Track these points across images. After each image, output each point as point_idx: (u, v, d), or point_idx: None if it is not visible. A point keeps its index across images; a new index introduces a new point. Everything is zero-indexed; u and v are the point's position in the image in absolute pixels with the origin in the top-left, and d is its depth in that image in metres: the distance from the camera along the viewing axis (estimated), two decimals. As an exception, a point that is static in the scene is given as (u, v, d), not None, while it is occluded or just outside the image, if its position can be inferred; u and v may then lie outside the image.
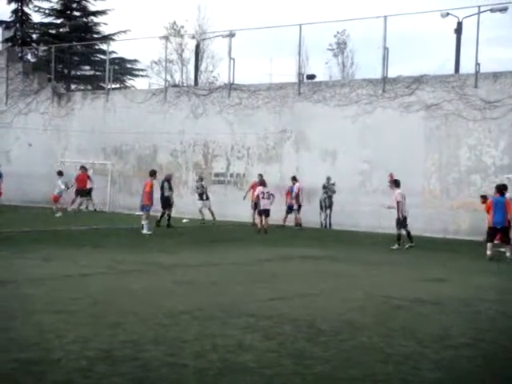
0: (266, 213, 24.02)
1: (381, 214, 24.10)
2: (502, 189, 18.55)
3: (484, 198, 21.79)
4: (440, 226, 24.09)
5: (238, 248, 19.43)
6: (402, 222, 20.33)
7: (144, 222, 22.16)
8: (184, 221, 25.47)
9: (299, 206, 25.94)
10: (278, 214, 25.55)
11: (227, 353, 7.93)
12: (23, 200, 33.56)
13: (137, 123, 31.80)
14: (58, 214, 27.82)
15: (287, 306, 10.93)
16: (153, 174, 23.89)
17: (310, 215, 25.95)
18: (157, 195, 24.19)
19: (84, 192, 30.50)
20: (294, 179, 26.14)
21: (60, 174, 29.41)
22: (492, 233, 18.27)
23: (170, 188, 25.44)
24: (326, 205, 26.50)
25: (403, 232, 20.30)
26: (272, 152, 28.93)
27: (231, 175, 30.06)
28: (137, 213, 24.46)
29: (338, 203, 26.44)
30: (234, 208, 28.66)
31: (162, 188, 25.26)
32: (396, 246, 20.07)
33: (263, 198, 24.14)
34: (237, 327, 9.23)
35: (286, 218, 26.35)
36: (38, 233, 21.42)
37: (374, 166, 26.23)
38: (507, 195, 19.31)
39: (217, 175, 30.36)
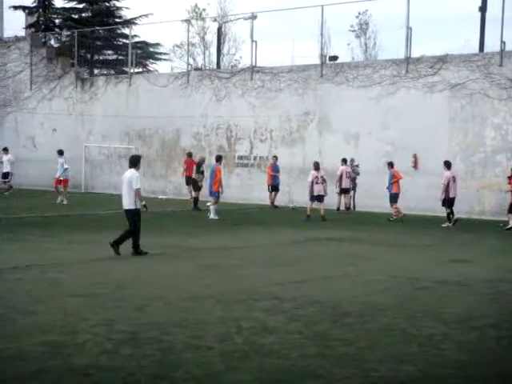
0: (320, 199, 22.97)
1: (406, 195, 23.93)
2: None
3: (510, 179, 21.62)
4: (465, 207, 23.86)
5: (262, 231, 19.45)
6: (448, 203, 21.30)
7: (212, 207, 22.54)
8: (208, 204, 25.50)
9: (344, 190, 25.35)
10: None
11: (252, 335, 7.98)
12: (48, 185, 33.80)
13: (160, 107, 31.85)
14: (63, 201, 25.95)
15: (311, 288, 10.95)
16: (218, 159, 23.83)
17: (330, 197, 25.80)
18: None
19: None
20: (344, 161, 25.53)
21: (60, 153, 27.11)
22: None
23: (199, 171, 25.85)
24: (351, 187, 26.37)
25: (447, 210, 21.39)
26: (295, 135, 28.84)
27: (254, 158, 30.03)
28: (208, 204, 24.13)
29: (361, 185, 26.32)
30: (258, 191, 28.64)
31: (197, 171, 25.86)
32: (446, 224, 21.12)
33: (317, 183, 22.96)
34: (261, 310, 9.27)
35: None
36: (64, 217, 21.62)
37: (397, 148, 26.04)
38: None
39: (240, 158, 30.35)
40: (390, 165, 22.87)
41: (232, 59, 46.14)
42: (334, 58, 31.06)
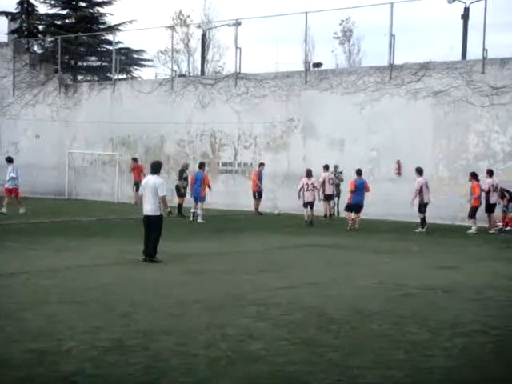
0: (310, 205, 23.28)
1: (390, 202, 24.05)
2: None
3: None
4: (449, 213, 23.99)
5: (248, 237, 19.44)
6: (421, 208, 21.52)
7: (199, 212, 23.48)
8: (192, 210, 25.48)
9: (327, 196, 25.43)
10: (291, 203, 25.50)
11: (238, 342, 7.96)
12: (32, 191, 33.59)
13: (144, 113, 31.77)
14: (21, 211, 23.88)
15: (298, 294, 10.95)
16: (201, 166, 24.76)
17: (318, 204, 25.83)
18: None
19: None
20: (326, 168, 25.55)
21: (9, 160, 24.75)
22: None
23: (181, 178, 26.04)
24: (334, 193, 26.41)
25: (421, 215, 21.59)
26: (279, 141, 28.87)
27: (238, 164, 30.04)
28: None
29: (346, 192, 26.37)
30: (242, 197, 28.62)
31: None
32: (419, 229, 21.26)
33: (307, 189, 23.31)
34: (247, 316, 9.25)
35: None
36: (48, 224, 21.50)
37: (381, 154, 26.15)
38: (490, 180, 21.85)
39: (224, 164, 30.34)
40: (358, 173, 22.45)
41: (216, 66, 46.19)
42: (318, 64, 31.20)
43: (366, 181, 22.52)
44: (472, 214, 21.65)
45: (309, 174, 23.52)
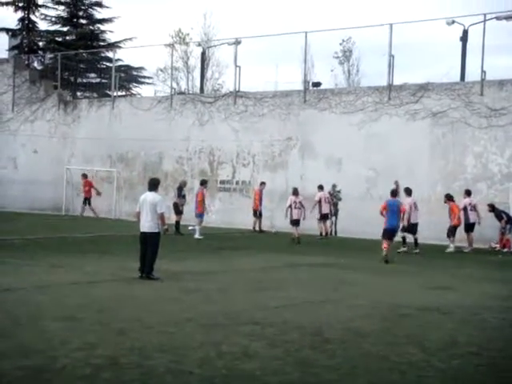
0: (297, 223, 23.68)
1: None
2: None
3: (491, 207, 22.04)
4: (446, 234, 23.95)
5: (245, 255, 19.41)
6: (410, 229, 21.29)
7: (196, 228, 24.08)
8: (190, 228, 25.47)
9: (323, 215, 25.50)
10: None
11: (232, 360, 7.93)
12: (30, 207, 33.62)
13: (143, 130, 31.83)
14: None
15: (293, 313, 10.92)
16: (203, 183, 25.43)
17: (316, 222, 25.85)
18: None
19: None
20: (321, 188, 25.59)
21: None
22: None
23: (180, 195, 26.21)
24: (332, 212, 26.43)
25: (410, 238, 21.27)
26: (278, 159, 28.91)
27: (237, 183, 30.05)
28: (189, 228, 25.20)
29: (343, 211, 26.41)
30: (240, 216, 28.61)
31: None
32: (402, 249, 21.04)
33: (295, 207, 23.79)
34: (242, 335, 9.22)
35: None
36: (45, 240, 21.46)
37: (379, 174, 26.18)
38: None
39: (222, 182, 30.36)
40: (392, 193, 20.44)
41: (215, 84, 46.34)
42: (317, 84, 31.29)
43: (400, 201, 19.92)
44: (451, 232, 21.90)
45: (295, 192, 24.10)
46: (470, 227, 22.22)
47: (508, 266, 18.52)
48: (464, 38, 29.30)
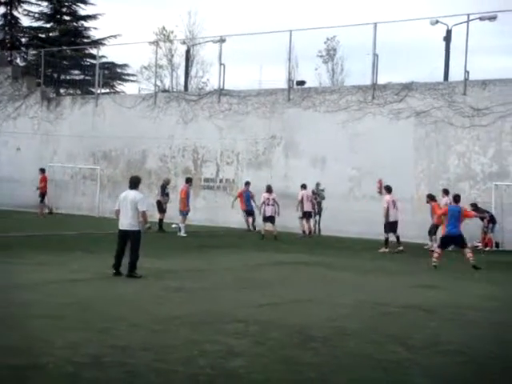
0: (270, 220, 24.03)
1: (371, 220, 24.12)
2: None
3: (474, 207, 22.16)
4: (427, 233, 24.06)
5: (229, 254, 19.39)
6: (390, 227, 21.13)
7: (181, 225, 24.16)
8: (173, 226, 25.43)
9: (306, 213, 25.53)
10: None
11: (217, 358, 7.91)
12: (13, 205, 33.36)
13: (126, 128, 31.71)
14: None
15: (277, 311, 10.92)
16: (188, 180, 25.55)
17: (294, 221, 25.83)
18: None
19: None
20: (303, 187, 25.66)
21: None
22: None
23: (163, 193, 26.08)
24: (315, 211, 26.48)
25: (391, 237, 21.14)
26: (262, 158, 28.92)
27: (221, 181, 30.02)
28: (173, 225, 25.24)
29: (327, 209, 26.44)
30: (224, 214, 28.58)
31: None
32: (383, 250, 20.89)
33: (268, 204, 24.17)
34: (227, 333, 9.20)
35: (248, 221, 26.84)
36: (29, 238, 21.31)
37: (363, 173, 26.25)
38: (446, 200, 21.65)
39: (206, 180, 30.32)
40: (454, 199, 19.20)
41: (200, 82, 46.23)
42: (302, 82, 31.29)
43: (463, 207, 18.55)
44: (433, 231, 21.94)
45: (269, 189, 24.56)
46: None
47: (490, 264, 18.61)
48: (447, 38, 29.45)
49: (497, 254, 21.29)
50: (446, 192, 22.46)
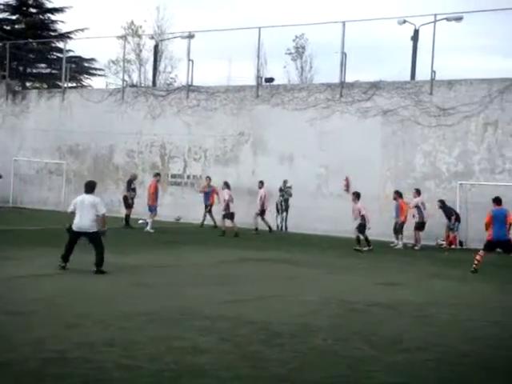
0: (232, 216, 24.18)
1: (338, 218, 24.28)
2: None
3: (442, 203, 22.44)
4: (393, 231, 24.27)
5: (195, 250, 19.36)
6: (363, 228, 21.24)
7: (148, 221, 24.17)
8: (140, 221, 25.30)
9: (261, 212, 25.60)
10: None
11: (183, 355, 7.92)
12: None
13: (93, 123, 31.47)
14: None
15: (243, 308, 10.95)
16: (157, 175, 25.68)
17: (267, 218, 25.94)
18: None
19: None
20: (261, 183, 25.73)
21: None
22: None
23: (129, 189, 25.83)
24: (283, 208, 26.56)
25: (361, 236, 21.21)
26: (230, 154, 28.91)
27: (188, 177, 29.95)
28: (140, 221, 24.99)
29: (294, 206, 26.53)
30: (191, 210, 28.49)
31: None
32: (359, 247, 20.79)
33: (231, 201, 24.37)
34: (193, 329, 9.21)
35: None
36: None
37: (330, 171, 26.40)
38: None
39: (173, 176, 30.22)
40: (496, 201, 17.78)
41: (168, 77, 45.99)
42: (270, 79, 31.32)
43: (507, 209, 17.23)
44: (400, 229, 22.27)
45: (229, 185, 24.78)
46: (422, 226, 22.47)
47: (454, 262, 18.87)
48: (415, 38, 29.74)
49: (461, 252, 21.57)
50: (418, 192, 22.63)
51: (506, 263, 18.08)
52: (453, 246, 22.55)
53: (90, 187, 14.71)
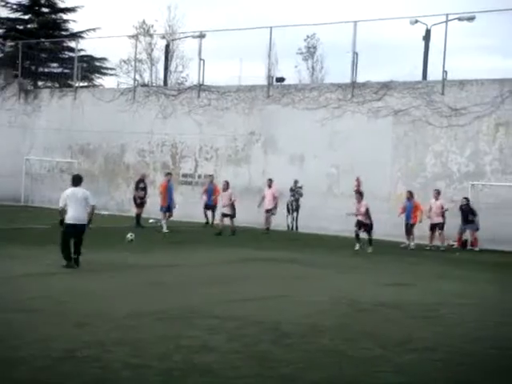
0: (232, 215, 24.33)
1: (348, 218, 24.23)
2: None
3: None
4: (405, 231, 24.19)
5: (205, 249, 19.38)
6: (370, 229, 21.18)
7: (162, 222, 24.10)
8: (150, 221, 25.35)
9: (267, 210, 25.62)
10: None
11: (191, 354, 7.94)
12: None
13: (105, 122, 31.56)
14: None
15: (252, 308, 10.96)
16: (167, 174, 25.48)
17: (277, 218, 25.95)
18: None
19: None
20: (270, 181, 25.71)
21: None
22: None
23: (138, 188, 25.77)
24: (293, 208, 26.54)
25: (362, 234, 21.13)
26: (241, 154, 28.92)
27: (199, 176, 29.98)
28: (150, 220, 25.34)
29: (305, 206, 26.51)
30: (201, 209, 28.46)
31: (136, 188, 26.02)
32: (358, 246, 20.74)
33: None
34: (201, 328, 9.23)
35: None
36: (3, 231, 21.14)
37: (341, 171, 26.35)
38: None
39: (185, 176, 30.26)
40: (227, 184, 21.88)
41: (179, 77, 46.10)
42: (281, 79, 31.32)
43: None
44: (410, 230, 22.26)
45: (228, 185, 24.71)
46: (434, 227, 22.38)
47: (465, 263, 18.80)
48: (427, 38, 29.64)
49: (471, 253, 21.48)
50: (438, 193, 22.50)
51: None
52: (476, 248, 22.42)
53: (78, 180, 15.06)
